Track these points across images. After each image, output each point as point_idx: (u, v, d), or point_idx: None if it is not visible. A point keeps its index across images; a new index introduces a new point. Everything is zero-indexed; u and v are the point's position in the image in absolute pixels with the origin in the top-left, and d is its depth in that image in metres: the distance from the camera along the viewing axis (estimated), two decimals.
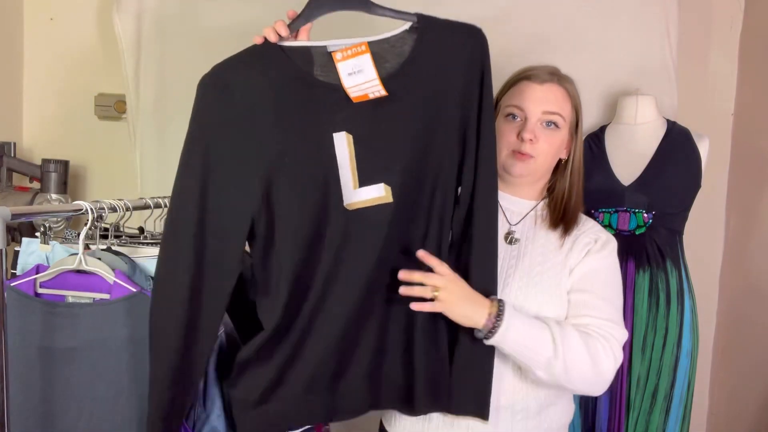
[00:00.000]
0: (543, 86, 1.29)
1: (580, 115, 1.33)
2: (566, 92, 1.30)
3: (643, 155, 1.78)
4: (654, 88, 1.87)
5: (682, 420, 1.75)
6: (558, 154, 1.32)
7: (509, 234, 1.31)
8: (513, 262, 1.28)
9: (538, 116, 1.27)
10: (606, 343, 1.18)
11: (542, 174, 1.33)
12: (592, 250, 1.27)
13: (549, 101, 1.28)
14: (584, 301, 1.24)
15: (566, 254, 1.27)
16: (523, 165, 1.28)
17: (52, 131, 2.30)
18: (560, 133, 1.29)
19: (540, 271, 1.26)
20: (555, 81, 1.30)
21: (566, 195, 1.32)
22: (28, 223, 1.81)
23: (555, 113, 1.28)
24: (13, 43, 2.26)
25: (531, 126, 1.27)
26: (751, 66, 2.02)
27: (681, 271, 1.75)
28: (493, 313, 1.13)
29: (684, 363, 1.72)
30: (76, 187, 2.27)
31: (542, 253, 1.28)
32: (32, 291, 1.27)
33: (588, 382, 1.20)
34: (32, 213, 1.30)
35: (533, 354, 1.15)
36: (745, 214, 2.03)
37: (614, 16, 1.92)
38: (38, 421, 1.25)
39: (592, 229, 1.32)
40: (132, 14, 2.06)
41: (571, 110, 1.30)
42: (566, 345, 1.15)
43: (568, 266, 1.27)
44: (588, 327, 1.20)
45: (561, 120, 1.28)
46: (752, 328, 1.96)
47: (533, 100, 1.28)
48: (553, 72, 1.32)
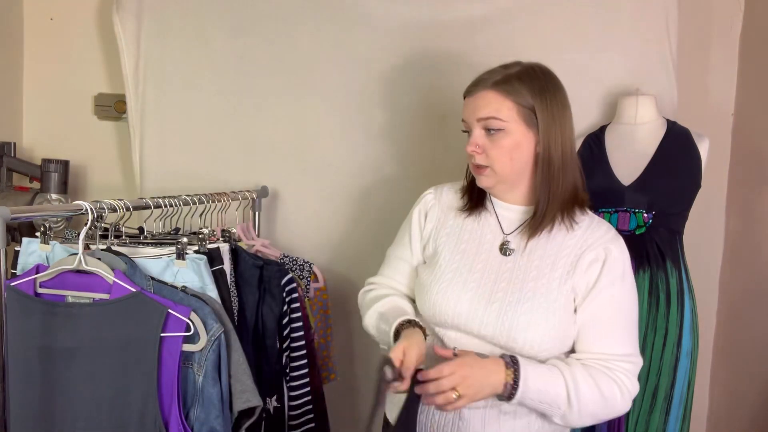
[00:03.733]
0: (474, 96, 1.25)
1: (540, 103, 1.22)
2: (499, 92, 1.22)
3: (643, 155, 1.78)
4: (654, 88, 1.87)
5: (682, 420, 1.75)
6: (520, 155, 1.24)
7: (504, 244, 1.28)
8: (506, 275, 1.24)
9: (476, 126, 1.25)
10: (623, 384, 1.19)
11: (515, 178, 1.27)
12: (603, 275, 1.22)
13: (479, 108, 1.24)
14: (600, 335, 1.22)
15: (568, 271, 1.22)
16: (484, 177, 1.26)
17: (52, 131, 2.30)
18: (508, 135, 1.22)
19: (533, 287, 1.22)
20: (485, 86, 1.24)
21: (547, 191, 1.24)
22: (28, 223, 1.81)
23: (487, 118, 1.22)
24: (13, 43, 2.26)
25: (473, 138, 1.25)
26: (751, 66, 2.02)
27: (681, 271, 1.75)
28: (509, 382, 1.14)
29: (684, 363, 1.72)
30: (76, 187, 2.27)
31: (537, 267, 1.24)
32: (32, 291, 1.27)
33: (601, 420, 1.24)
34: (32, 213, 1.29)
35: (549, 407, 1.17)
36: (745, 214, 2.03)
37: (614, 16, 1.92)
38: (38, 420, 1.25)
39: (600, 239, 1.24)
40: (132, 14, 2.07)
41: (513, 106, 1.22)
42: (581, 399, 1.15)
43: (570, 285, 1.22)
44: (604, 364, 1.20)
45: (498, 122, 1.22)
46: (752, 328, 1.96)
47: (468, 112, 1.26)
48: (486, 77, 1.25)
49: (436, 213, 1.37)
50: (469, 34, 1.95)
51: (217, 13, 2.07)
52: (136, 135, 2.11)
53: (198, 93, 2.09)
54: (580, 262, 1.22)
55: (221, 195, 1.72)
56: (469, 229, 1.32)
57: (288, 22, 2.04)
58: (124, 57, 2.08)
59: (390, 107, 2.03)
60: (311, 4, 2.03)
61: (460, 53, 1.94)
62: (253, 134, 2.09)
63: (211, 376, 1.27)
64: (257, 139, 2.09)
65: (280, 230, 2.12)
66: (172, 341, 1.24)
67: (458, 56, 1.94)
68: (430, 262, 1.34)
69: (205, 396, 1.27)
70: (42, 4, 2.27)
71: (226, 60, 2.07)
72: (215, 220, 1.73)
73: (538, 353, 1.20)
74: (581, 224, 1.27)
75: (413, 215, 1.40)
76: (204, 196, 1.63)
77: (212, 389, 1.27)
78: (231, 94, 2.08)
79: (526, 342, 1.19)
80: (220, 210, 1.75)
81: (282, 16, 2.05)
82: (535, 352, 1.20)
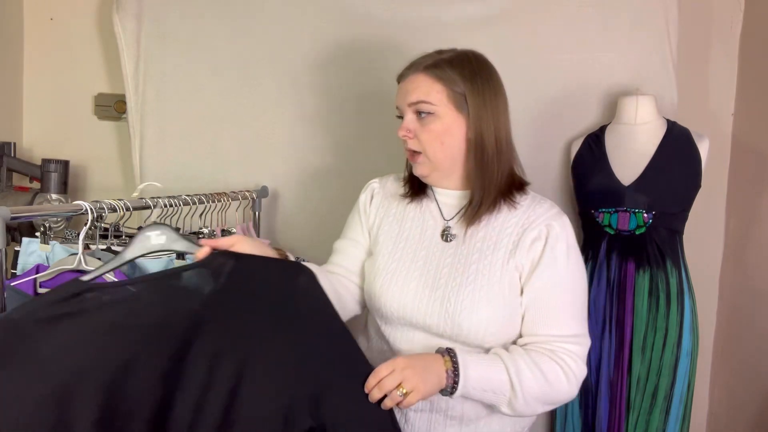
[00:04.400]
0: (406, 81, 1.24)
1: (471, 88, 1.20)
2: (430, 76, 1.21)
3: (643, 155, 1.78)
4: (654, 88, 1.87)
5: (682, 420, 1.75)
6: (451, 140, 1.22)
7: (445, 231, 1.27)
8: (449, 260, 1.23)
9: (408, 110, 1.23)
10: (567, 367, 1.16)
11: (449, 164, 1.25)
12: (546, 252, 1.19)
13: (409, 92, 1.22)
14: (545, 317, 1.19)
15: (510, 250, 1.21)
16: (419, 165, 1.25)
17: (52, 131, 2.30)
18: (439, 119, 1.21)
19: (475, 269, 1.20)
20: (417, 70, 1.23)
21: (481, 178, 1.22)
22: (27, 223, 1.81)
23: (417, 102, 1.21)
24: (13, 43, 2.26)
25: (404, 122, 1.24)
26: (751, 66, 2.02)
27: (681, 271, 1.75)
28: (450, 368, 1.10)
29: (684, 363, 1.72)
30: (76, 187, 2.27)
31: (479, 250, 1.22)
32: (32, 291, 1.27)
33: (552, 405, 1.19)
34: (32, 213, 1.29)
35: (494, 395, 1.14)
36: (745, 214, 2.03)
37: (614, 16, 1.92)
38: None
39: (541, 217, 1.22)
40: (131, 14, 2.07)
41: (443, 89, 1.20)
42: (524, 382, 1.13)
43: (513, 264, 1.20)
44: (546, 347, 1.17)
45: (429, 106, 1.20)
46: (752, 328, 1.96)
47: (400, 96, 1.25)
48: (419, 61, 1.24)
49: (380, 200, 1.37)
50: (469, 34, 1.95)
51: (217, 14, 2.07)
52: (136, 135, 2.11)
53: (198, 93, 2.09)
54: (522, 240, 1.21)
55: (221, 195, 1.73)
56: (411, 216, 1.32)
57: (288, 22, 2.04)
58: (124, 57, 2.08)
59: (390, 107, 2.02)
60: (311, 5, 2.03)
61: None
62: (253, 134, 2.09)
63: None
64: (257, 139, 2.09)
65: (280, 230, 2.12)
66: None
67: None
68: (373, 254, 1.33)
69: None
70: (42, 4, 2.27)
71: (226, 60, 2.08)
72: (215, 220, 1.73)
73: (485, 338, 1.18)
74: (522, 204, 1.25)
75: (359, 201, 1.40)
76: (204, 196, 1.64)
77: None
78: (231, 95, 2.08)
79: (471, 326, 1.17)
80: (220, 210, 1.75)
81: (282, 16, 2.05)
82: (481, 338, 1.18)
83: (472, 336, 1.18)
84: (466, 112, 1.21)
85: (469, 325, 1.17)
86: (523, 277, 1.21)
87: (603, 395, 1.76)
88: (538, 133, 1.97)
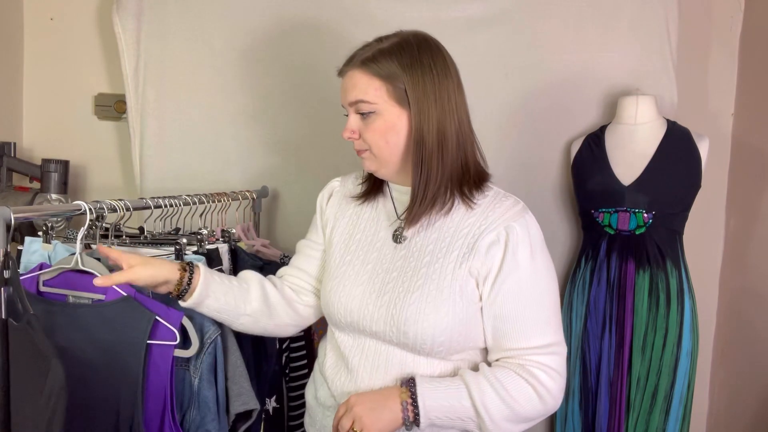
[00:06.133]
0: (345, 77, 1.17)
1: (410, 80, 1.11)
2: (366, 71, 1.12)
3: (643, 155, 1.78)
4: (654, 88, 1.88)
5: (682, 420, 1.75)
6: (396, 137, 1.13)
7: (396, 231, 1.19)
8: (399, 263, 1.15)
9: (350, 110, 1.16)
10: (537, 383, 1.08)
11: (397, 160, 1.15)
12: (507, 258, 1.10)
13: (348, 90, 1.15)
14: (512, 329, 1.10)
15: (464, 254, 1.11)
16: (366, 161, 1.18)
17: (52, 131, 2.30)
18: (380, 117, 1.13)
19: (425, 273, 1.12)
20: (354, 66, 1.15)
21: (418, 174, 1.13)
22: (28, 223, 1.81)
23: (356, 102, 1.13)
24: (13, 43, 2.26)
25: (348, 123, 1.16)
26: (751, 66, 2.02)
27: (681, 271, 1.75)
28: (407, 401, 1.07)
29: (684, 363, 1.72)
30: (76, 187, 2.27)
31: (431, 252, 1.13)
32: (35, 289, 1.27)
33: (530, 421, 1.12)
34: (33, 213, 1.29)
35: (462, 423, 1.09)
36: (745, 214, 2.03)
37: (614, 16, 1.92)
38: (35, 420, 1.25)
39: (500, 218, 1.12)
40: (132, 13, 2.06)
41: (381, 84, 1.11)
42: (488, 406, 1.07)
43: (466, 269, 1.11)
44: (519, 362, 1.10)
45: (367, 105, 1.12)
46: (752, 328, 1.96)
47: (342, 95, 1.17)
48: (356, 54, 1.16)
49: (338, 199, 1.31)
50: (469, 34, 1.95)
51: (217, 13, 2.07)
52: (136, 135, 2.11)
53: (198, 93, 2.09)
54: (478, 244, 1.11)
55: (221, 195, 1.72)
56: (366, 216, 1.25)
57: (288, 22, 2.04)
58: (124, 57, 2.08)
59: None
60: (311, 4, 2.03)
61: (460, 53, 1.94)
62: (253, 134, 2.09)
63: (206, 379, 1.26)
64: (257, 139, 2.09)
65: (280, 230, 2.12)
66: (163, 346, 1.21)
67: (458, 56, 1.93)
68: (327, 257, 1.27)
69: (201, 398, 1.26)
70: (42, 4, 2.27)
71: (226, 60, 2.07)
72: (215, 220, 1.73)
73: (433, 347, 1.10)
74: (481, 203, 1.15)
75: (318, 199, 1.35)
76: (204, 196, 1.63)
77: (208, 392, 1.26)
78: (231, 94, 2.08)
79: (417, 335, 1.09)
80: (221, 210, 1.75)
81: (282, 16, 2.05)
82: (429, 347, 1.10)
83: (419, 344, 1.11)
84: (405, 102, 1.12)
85: (415, 333, 1.10)
86: (481, 285, 1.12)
87: (603, 395, 1.76)
88: (538, 133, 1.97)
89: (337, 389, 1.20)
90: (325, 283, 1.24)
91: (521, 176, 1.95)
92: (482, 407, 1.07)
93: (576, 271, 1.86)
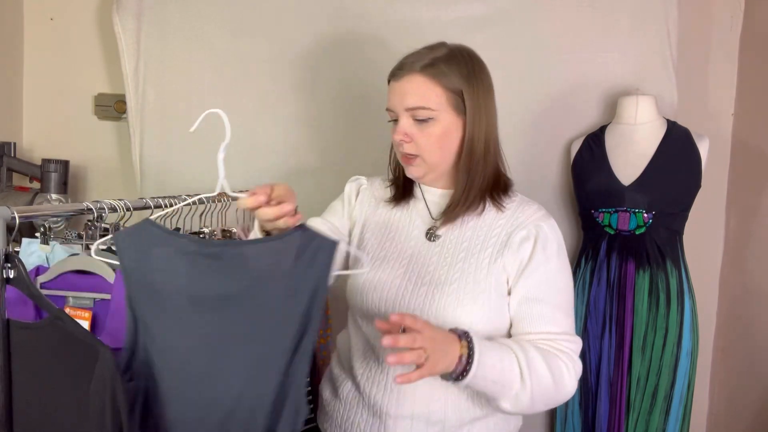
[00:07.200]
0: (401, 81, 1.19)
1: (468, 88, 1.17)
2: (428, 77, 1.16)
3: (643, 155, 1.78)
4: (654, 88, 1.88)
5: (682, 420, 1.75)
6: (450, 143, 1.19)
7: (430, 230, 1.24)
8: (434, 259, 1.21)
9: (404, 114, 1.19)
10: (569, 361, 1.13)
11: (446, 165, 1.22)
12: (537, 252, 1.17)
13: (407, 95, 1.17)
14: (540, 314, 1.15)
15: (498, 250, 1.18)
16: (414, 168, 1.22)
17: (52, 131, 2.30)
18: (437, 124, 1.17)
19: (461, 268, 1.18)
20: (413, 70, 1.17)
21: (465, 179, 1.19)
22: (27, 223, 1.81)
23: (416, 108, 1.17)
24: (13, 43, 2.26)
25: (400, 126, 1.19)
26: (751, 66, 2.02)
27: (681, 271, 1.75)
28: (464, 354, 1.04)
29: (684, 363, 1.72)
30: (76, 187, 2.27)
31: (466, 248, 1.19)
32: None
33: (550, 405, 1.16)
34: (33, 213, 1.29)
35: (501, 389, 1.09)
36: (745, 214, 2.03)
37: (614, 16, 1.92)
38: None
39: (530, 218, 1.20)
40: (132, 13, 2.07)
41: (442, 92, 1.16)
42: (534, 376, 1.09)
43: (500, 264, 1.17)
44: (548, 343, 1.14)
45: (427, 111, 1.16)
46: (752, 328, 1.96)
47: (395, 98, 1.20)
48: (413, 60, 1.18)
49: (367, 197, 1.34)
50: (469, 34, 1.95)
51: (217, 13, 2.07)
52: (136, 135, 2.11)
53: (198, 93, 2.09)
54: (510, 241, 1.18)
55: (221, 195, 1.72)
56: (398, 218, 1.29)
57: (288, 21, 2.04)
58: (124, 57, 2.08)
59: None
60: (311, 4, 2.03)
61: None
62: (253, 134, 2.09)
63: None
64: (257, 139, 2.08)
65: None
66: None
67: None
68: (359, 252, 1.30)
69: None
70: (42, 4, 2.27)
71: (226, 60, 2.07)
72: (216, 220, 1.73)
73: None
74: (509, 207, 1.23)
75: (345, 191, 1.38)
76: (204, 196, 1.63)
77: None
78: (231, 94, 2.08)
79: (455, 323, 1.13)
80: (221, 210, 1.75)
81: (282, 16, 2.05)
82: None
83: None
84: (463, 113, 1.18)
85: (453, 320, 1.13)
86: (510, 279, 1.18)
87: (603, 395, 1.76)
88: (538, 133, 1.97)
89: (367, 382, 1.22)
90: (357, 276, 1.26)
91: (521, 176, 1.92)
92: (528, 375, 1.08)
93: (576, 271, 1.86)
